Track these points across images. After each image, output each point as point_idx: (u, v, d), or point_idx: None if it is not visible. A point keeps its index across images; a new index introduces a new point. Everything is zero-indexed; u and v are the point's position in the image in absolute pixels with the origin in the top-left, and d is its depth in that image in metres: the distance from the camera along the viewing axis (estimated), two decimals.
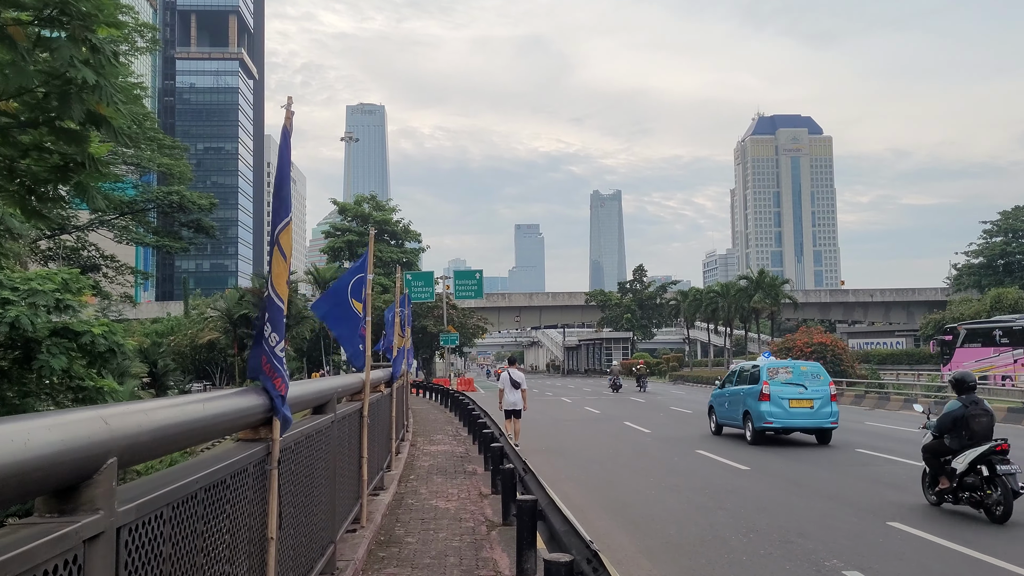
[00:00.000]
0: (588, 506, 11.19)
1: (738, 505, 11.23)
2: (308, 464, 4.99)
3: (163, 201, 45.69)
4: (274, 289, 4.09)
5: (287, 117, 4.29)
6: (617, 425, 25.12)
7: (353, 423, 7.44)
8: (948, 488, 10.95)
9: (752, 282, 62.55)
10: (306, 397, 5.07)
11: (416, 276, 57.19)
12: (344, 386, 6.76)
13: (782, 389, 19.29)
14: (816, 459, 16.29)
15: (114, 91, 6.58)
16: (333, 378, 6.54)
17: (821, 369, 21.00)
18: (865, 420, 26.70)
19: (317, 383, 5.65)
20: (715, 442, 19.63)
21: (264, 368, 4.05)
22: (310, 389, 5.16)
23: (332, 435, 5.94)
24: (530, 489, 7.87)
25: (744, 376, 21.07)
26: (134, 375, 38.26)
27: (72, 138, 6.94)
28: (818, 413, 19.14)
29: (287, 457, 4.41)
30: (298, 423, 5.11)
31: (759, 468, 15.01)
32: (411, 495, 10.38)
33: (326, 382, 6.08)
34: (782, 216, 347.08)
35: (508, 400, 17.76)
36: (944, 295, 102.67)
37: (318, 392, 5.46)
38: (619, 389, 47.32)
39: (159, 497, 2.49)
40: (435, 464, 13.79)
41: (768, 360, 21.69)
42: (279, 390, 4.03)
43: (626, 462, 16.13)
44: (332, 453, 5.95)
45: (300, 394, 4.76)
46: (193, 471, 2.91)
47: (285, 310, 4.16)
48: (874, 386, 36.40)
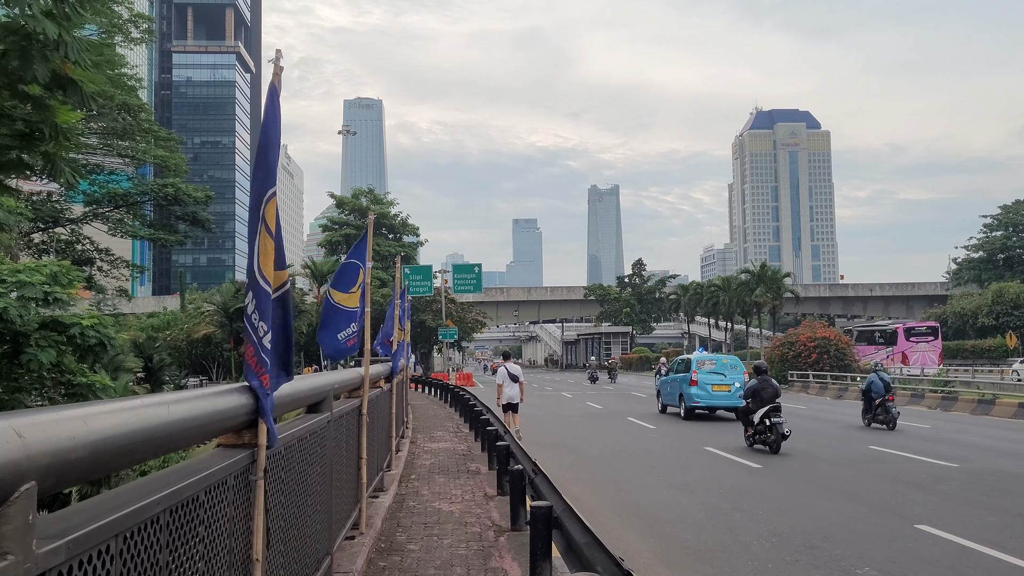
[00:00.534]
0: (598, 508, 10.64)
1: (756, 506, 10.70)
2: (301, 470, 4.44)
3: (158, 194, 45.04)
4: (260, 271, 3.53)
5: (275, 74, 3.73)
6: (620, 421, 24.59)
7: (351, 422, 6.88)
8: (751, 434, 16.82)
9: (754, 276, 61.95)
10: (299, 395, 4.51)
11: (414, 270, 56.63)
12: (341, 382, 6.19)
13: (707, 377, 24.43)
14: (831, 457, 15.76)
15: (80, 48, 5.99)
16: (329, 373, 5.98)
17: (738, 362, 26.13)
18: None
19: (312, 379, 5.08)
20: (723, 439, 19.09)
21: (250, 362, 3.50)
22: (303, 386, 4.60)
23: (328, 436, 5.38)
24: (541, 492, 7.32)
25: (680, 366, 26.26)
26: (128, 370, 37.70)
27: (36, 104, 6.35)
28: (735, 395, 23.51)
29: (276, 464, 3.86)
30: (290, 423, 4.55)
31: (771, 467, 14.49)
32: (412, 497, 9.83)
33: (322, 377, 5.52)
34: (780, 211, 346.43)
35: (506, 394, 17.72)
36: (944, 289, 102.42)
37: (312, 389, 4.90)
38: (595, 381, 55.61)
39: (103, 528, 1.93)
40: (437, 463, 13.24)
41: (699, 354, 27.53)
42: (266, 388, 3.47)
43: (633, 460, 15.60)
44: (328, 456, 5.40)
45: (292, 392, 4.20)
46: (153, 488, 2.35)
47: (273, 294, 3.60)
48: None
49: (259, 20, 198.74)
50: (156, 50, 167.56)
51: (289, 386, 4.23)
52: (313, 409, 5.35)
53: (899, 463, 14.92)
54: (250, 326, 3.49)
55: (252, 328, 3.49)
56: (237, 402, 3.34)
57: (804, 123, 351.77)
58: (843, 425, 22.98)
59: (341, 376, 6.26)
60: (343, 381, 6.33)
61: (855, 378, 38.75)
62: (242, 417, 3.40)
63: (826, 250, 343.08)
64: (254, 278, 3.53)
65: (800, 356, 43.40)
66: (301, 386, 4.56)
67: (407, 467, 12.56)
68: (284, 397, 4.04)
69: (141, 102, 45.18)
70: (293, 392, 4.24)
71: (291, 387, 4.21)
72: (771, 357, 46.16)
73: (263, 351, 3.49)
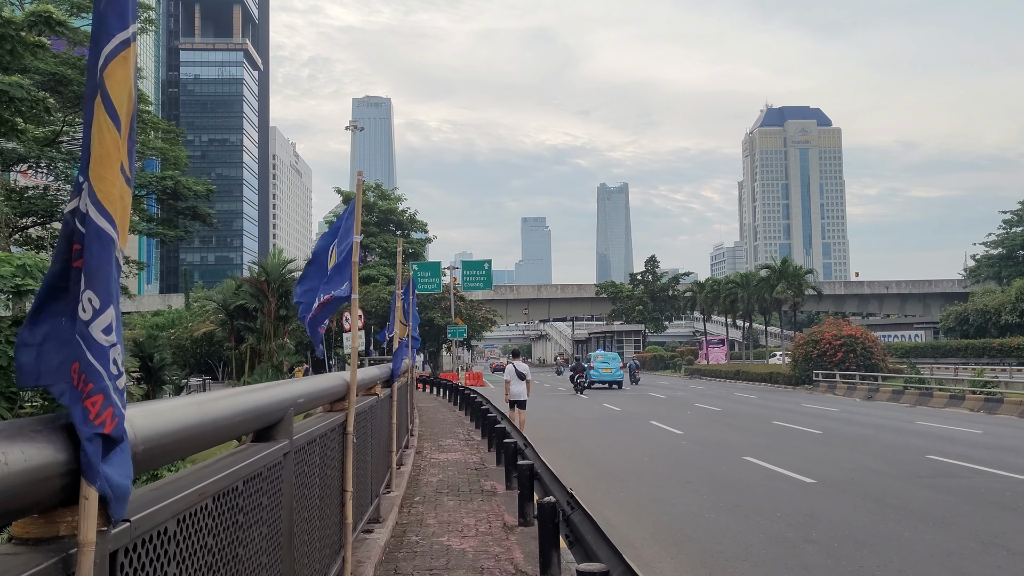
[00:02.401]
0: (640, 538, 8.88)
1: (828, 536, 8.91)
2: (217, 547, 2.68)
3: (156, 187, 43.46)
4: (94, 196, 1.80)
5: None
6: (643, 425, 22.79)
7: (330, 445, 5.13)
8: (576, 386, 39.87)
9: (775, 271, 59.73)
10: (220, 421, 2.74)
11: (423, 266, 54.97)
12: (311, 393, 4.42)
13: (599, 365, 44.64)
14: (891, 470, 13.93)
15: None
16: (293, 382, 4.20)
17: (616, 356, 47.86)
18: (915, 420, 24.27)
19: (252, 393, 3.32)
20: (760, 446, 17.29)
21: (71, 372, 1.77)
22: (225, 407, 2.83)
23: (285, 474, 3.64)
24: (581, 534, 5.57)
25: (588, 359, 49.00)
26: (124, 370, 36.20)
27: None
28: (614, 374, 44.34)
29: (153, 555, 2.11)
30: (206, 468, 2.78)
31: (826, 480, 12.69)
32: (415, 528, 8.07)
33: (278, 388, 3.77)
34: (790, 208, 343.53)
35: (514, 391, 18.34)
36: (961, 287, 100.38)
37: (250, 410, 3.12)
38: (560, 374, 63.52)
39: None
40: (445, 479, 11.47)
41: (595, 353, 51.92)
42: (97, 422, 1.73)
43: (668, 473, 13.81)
44: (285, 503, 3.65)
45: (195, 422, 2.45)
46: None
47: (122, 242, 1.85)
48: (913, 381, 33.95)
49: (267, 17, 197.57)
50: (164, 47, 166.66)
51: (192, 411, 2.50)
52: (264, 436, 3.61)
53: (972, 477, 13.10)
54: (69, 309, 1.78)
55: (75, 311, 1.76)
56: (35, 459, 1.61)
57: (815, 120, 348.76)
58: (887, 430, 21.14)
59: (309, 385, 4.49)
60: (313, 392, 4.56)
61: (885, 377, 36.89)
62: (50, 485, 1.67)
63: (837, 248, 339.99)
64: (81, 211, 1.80)
65: (825, 355, 41.50)
66: (222, 407, 2.79)
67: (411, 485, 10.82)
68: (175, 432, 2.30)
69: (140, 92, 43.68)
70: (198, 422, 2.49)
71: (194, 413, 2.48)
72: (794, 355, 44.26)
73: (96, 352, 1.75)
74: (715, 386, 48.82)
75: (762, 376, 49.97)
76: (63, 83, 37.12)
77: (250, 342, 39.17)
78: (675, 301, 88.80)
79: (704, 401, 33.31)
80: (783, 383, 45.48)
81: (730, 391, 41.97)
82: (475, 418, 20.01)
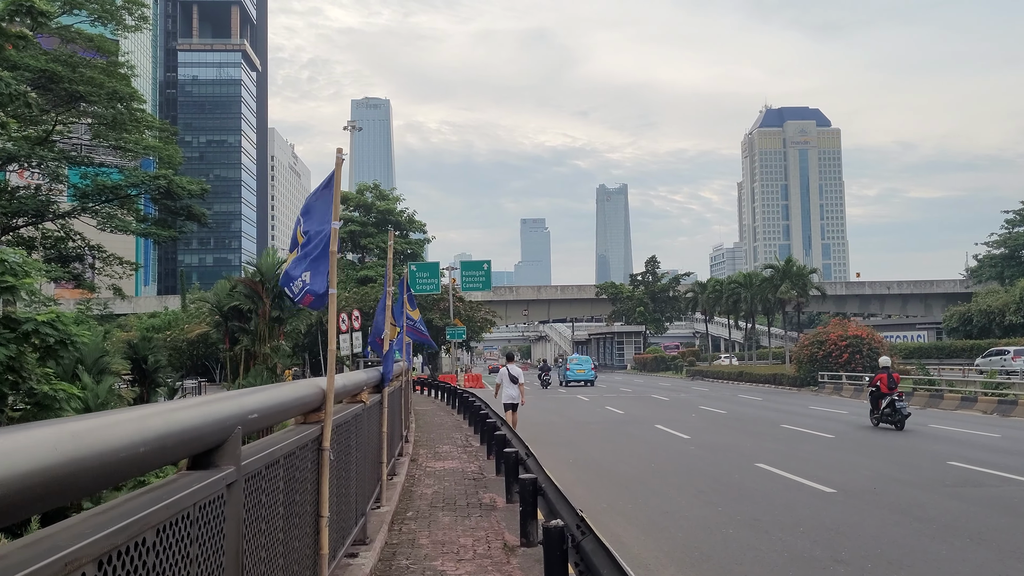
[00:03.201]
0: (653, 558, 8.12)
1: (857, 554, 8.15)
2: None
3: (149, 186, 42.66)
4: None
5: None
6: (648, 429, 22.02)
7: (301, 464, 4.37)
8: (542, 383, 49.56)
9: (778, 271, 58.84)
10: (114, 454, 1.98)
11: (421, 267, 54.22)
12: (270, 406, 3.63)
13: (573, 366, 52.14)
14: (912, 479, 13.17)
15: None
16: (244, 393, 3.42)
17: (588, 359, 56.20)
18: (928, 423, 23.52)
19: (173, 412, 2.54)
20: (770, 451, 16.54)
21: None
22: (125, 434, 2.06)
23: (226, 513, 2.87)
24: (593, 565, 4.80)
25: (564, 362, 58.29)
26: (114, 372, 35.35)
27: None
28: (587, 374, 51.08)
29: None
30: (94, 519, 2.01)
31: (846, 489, 11.94)
32: (406, 550, 7.30)
33: (220, 403, 3.00)
34: (790, 209, 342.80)
35: (506, 394, 18.37)
36: (963, 287, 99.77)
37: (167, 435, 2.34)
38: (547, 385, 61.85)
39: None
40: (441, 491, 10.69)
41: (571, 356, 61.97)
42: None
43: (678, 481, 13.04)
44: (227, 548, 2.89)
45: (67, 460, 1.69)
46: None
47: None
48: (923, 383, 33.16)
49: (265, 18, 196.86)
50: (161, 48, 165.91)
51: (68, 447, 1.75)
52: (201, 463, 2.85)
53: (1000, 485, 12.35)
54: None
55: None
56: None
57: (814, 121, 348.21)
58: (901, 434, 20.38)
59: (270, 397, 3.71)
60: (276, 404, 3.78)
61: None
62: None
63: (837, 249, 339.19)
64: None
65: (831, 356, 40.71)
66: (119, 436, 2.03)
67: (404, 497, 10.04)
68: (37, 476, 1.54)
69: (133, 90, 42.88)
70: (77, 457, 1.72)
71: (73, 448, 1.73)
72: (799, 356, 43.49)
73: None
74: (718, 388, 48.06)
75: (765, 377, 49.22)
76: (54, 80, 36.31)
77: (244, 344, 38.31)
78: (676, 302, 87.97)
79: (708, 403, 32.55)
80: (787, 384, 44.73)
81: (734, 393, 41.22)
82: (474, 422, 19.26)
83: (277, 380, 35.06)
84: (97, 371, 29.58)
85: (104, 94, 38.86)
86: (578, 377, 51.26)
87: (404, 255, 66.72)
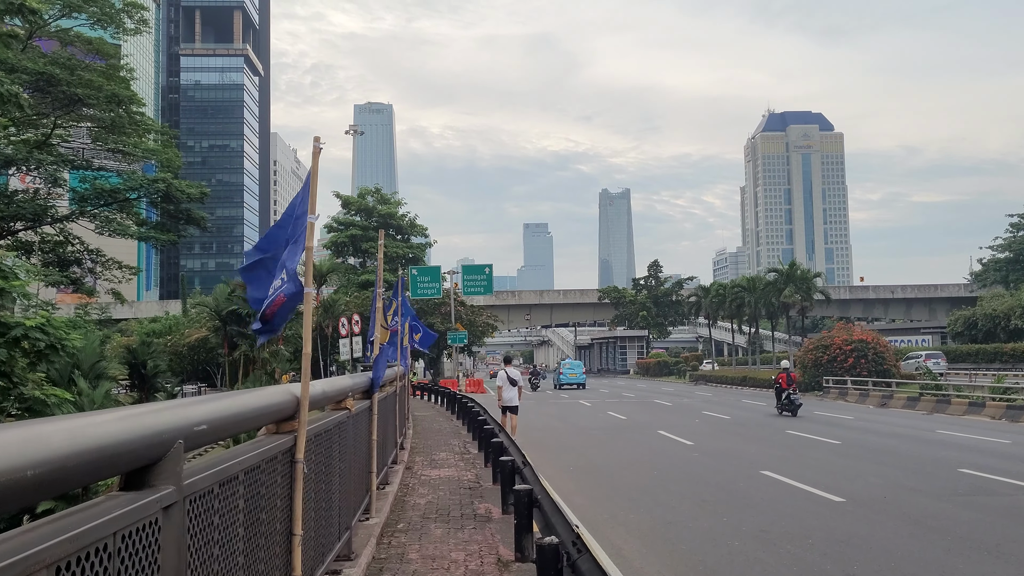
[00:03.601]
0: (654, 571, 7.73)
1: (871, 569, 7.74)
2: None
3: (148, 189, 42.35)
4: None
5: None
6: (651, 435, 21.60)
7: (269, 479, 3.99)
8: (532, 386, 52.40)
9: (782, 275, 58.30)
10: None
11: (422, 271, 53.90)
12: (224, 416, 3.21)
13: (566, 370, 57.61)
14: (924, 487, 12.75)
15: None
16: (191, 402, 3.02)
17: (580, 364, 62.30)
18: (936, 428, 23.07)
19: (93, 426, 2.16)
20: (775, 458, 16.13)
21: None
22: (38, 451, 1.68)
23: (162, 540, 2.49)
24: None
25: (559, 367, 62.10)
26: (111, 378, 35.00)
27: None
28: (579, 378, 56.13)
29: None
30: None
31: (855, 498, 11.53)
32: (394, 565, 6.90)
33: (159, 414, 2.63)
34: (793, 213, 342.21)
35: (505, 397, 18.50)
36: (967, 291, 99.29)
37: (76, 453, 1.96)
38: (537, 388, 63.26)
39: None
40: (435, 501, 10.29)
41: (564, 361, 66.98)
42: None
43: (681, 489, 12.63)
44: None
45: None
46: None
47: None
48: (930, 388, 32.69)
49: (267, 22, 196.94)
50: (164, 53, 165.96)
51: None
52: (135, 483, 2.48)
53: (1015, 494, 11.93)
54: None
55: None
56: None
57: (817, 125, 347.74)
58: (909, 440, 19.95)
59: (226, 406, 3.32)
60: (232, 414, 3.39)
61: (899, 384, 35.64)
62: None
63: (840, 253, 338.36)
64: None
65: (836, 360, 40.26)
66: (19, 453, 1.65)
67: (395, 508, 9.64)
68: None
69: (132, 93, 42.64)
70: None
71: None
72: (803, 361, 43.03)
73: None
74: (721, 392, 47.60)
75: (769, 383, 48.66)
76: (52, 83, 36.04)
77: (243, 349, 37.99)
78: (679, 306, 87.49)
79: (712, 408, 32.12)
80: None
81: (737, 398, 40.77)
82: (472, 429, 18.87)
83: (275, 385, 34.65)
84: (94, 376, 29.25)
85: (103, 97, 38.61)
86: (571, 380, 56.42)
87: (405, 259, 66.29)
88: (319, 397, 5.33)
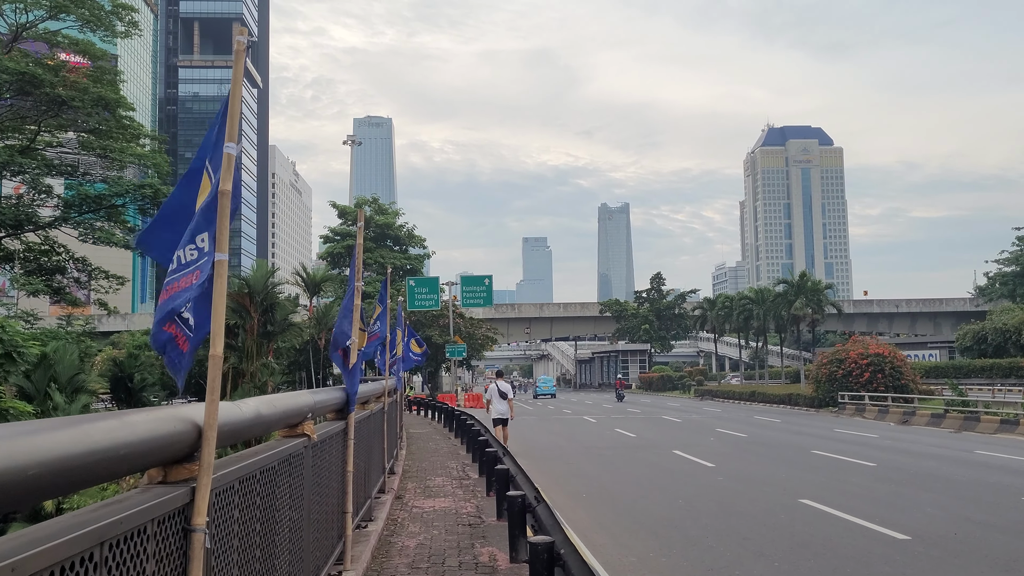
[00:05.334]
0: None
1: None
2: None
3: (135, 195, 40.70)
4: None
5: None
6: (666, 456, 19.84)
7: (134, 563, 2.29)
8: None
9: (792, 286, 56.48)
10: None
11: (420, 282, 52.19)
12: (96, 448, 1.55)
13: (541, 384, 77.57)
14: (989, 519, 11.02)
15: None
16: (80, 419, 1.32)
17: (551, 379, 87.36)
18: (973, 448, 21.31)
19: None
20: (816, 486, 14.35)
21: None
22: None
23: None
24: None
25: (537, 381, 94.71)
26: (91, 391, 33.12)
27: None
28: (550, 389, 74.00)
29: None
30: None
31: (922, 536, 9.80)
32: None
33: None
34: (792, 228, 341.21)
35: (496, 409, 18.85)
36: (973, 305, 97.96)
37: None
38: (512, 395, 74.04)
39: None
40: (427, 543, 8.53)
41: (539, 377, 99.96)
42: None
43: (715, 525, 10.86)
44: None
45: None
46: None
47: None
48: (956, 404, 30.91)
49: (267, 35, 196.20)
50: (162, 65, 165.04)
51: None
52: None
53: None
54: None
55: None
56: None
57: (816, 140, 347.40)
58: (948, 461, 18.20)
59: (45, 441, 1.65)
60: (107, 446, 1.71)
61: (921, 399, 33.89)
62: None
63: (840, 268, 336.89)
64: None
65: (851, 375, 38.50)
66: None
67: (379, 552, 7.90)
68: None
69: (120, 96, 41.13)
70: None
71: None
72: (817, 376, 41.29)
73: None
74: (731, 408, 45.80)
75: (780, 398, 46.93)
76: (34, 84, 34.53)
77: (232, 361, 36.20)
78: (682, 319, 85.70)
79: (725, 426, 30.33)
80: (803, 405, 42.49)
81: (749, 414, 38.99)
82: (472, 450, 17.11)
83: None
84: (71, 389, 27.46)
85: (88, 99, 37.10)
86: (544, 391, 73.24)
87: (404, 270, 64.66)
88: (251, 423, 3.62)
